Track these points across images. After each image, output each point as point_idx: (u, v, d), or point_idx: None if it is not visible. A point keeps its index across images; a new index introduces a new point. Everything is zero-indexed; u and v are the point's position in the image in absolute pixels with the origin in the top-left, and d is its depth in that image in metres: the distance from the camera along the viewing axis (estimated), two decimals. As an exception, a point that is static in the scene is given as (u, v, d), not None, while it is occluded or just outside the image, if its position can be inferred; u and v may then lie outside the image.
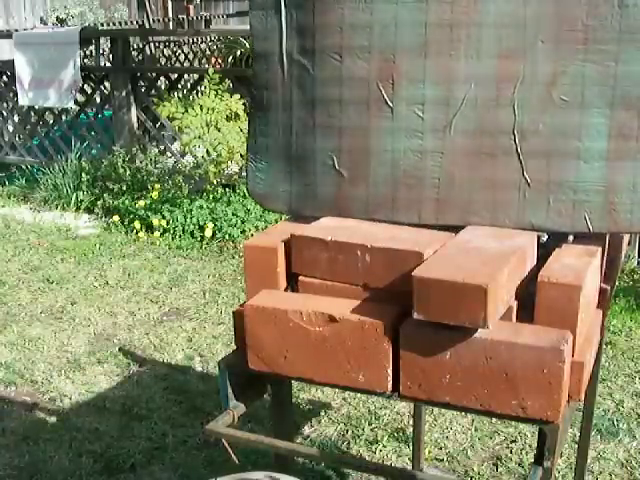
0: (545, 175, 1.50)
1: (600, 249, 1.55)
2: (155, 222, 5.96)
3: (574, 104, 1.49)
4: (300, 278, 1.62)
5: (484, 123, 1.52)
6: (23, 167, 7.70)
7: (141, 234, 5.97)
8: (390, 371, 1.47)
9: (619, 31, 1.47)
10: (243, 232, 5.83)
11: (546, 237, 1.56)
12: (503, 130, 1.51)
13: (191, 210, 6.00)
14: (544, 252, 1.54)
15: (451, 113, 1.53)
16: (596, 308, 1.64)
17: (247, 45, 7.98)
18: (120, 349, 4.12)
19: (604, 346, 2.80)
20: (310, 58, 1.64)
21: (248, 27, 1.65)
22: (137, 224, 6.02)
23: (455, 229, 1.56)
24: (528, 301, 1.46)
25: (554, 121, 1.49)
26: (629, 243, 4.31)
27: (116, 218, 6.24)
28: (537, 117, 1.50)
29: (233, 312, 1.70)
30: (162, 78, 7.81)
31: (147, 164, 6.83)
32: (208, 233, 5.79)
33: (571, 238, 1.56)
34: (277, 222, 1.76)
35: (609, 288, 1.72)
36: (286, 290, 1.66)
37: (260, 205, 1.78)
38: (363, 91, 1.59)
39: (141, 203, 6.21)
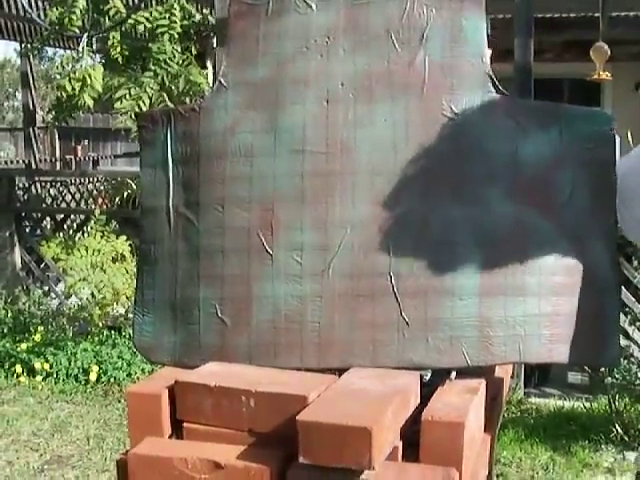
0: (422, 313, 1.55)
1: (482, 385, 1.59)
2: (37, 366, 5.77)
3: (446, 244, 1.56)
4: (185, 425, 1.59)
5: (361, 266, 1.57)
6: None
7: (22, 378, 5.76)
8: (278, 518, 1.44)
9: (481, 176, 1.57)
10: (129, 375, 5.71)
11: (429, 375, 1.59)
12: (379, 272, 1.56)
13: (75, 353, 5.85)
14: (428, 390, 1.56)
15: (329, 258, 1.58)
16: (482, 442, 1.66)
17: (134, 187, 8.04)
18: (-3, 503, 3.90)
19: (495, 479, 2.81)
20: (195, 211, 1.68)
21: (135, 169, 1.69)
22: (18, 368, 5.82)
23: (339, 371, 1.57)
24: (413, 440, 1.47)
25: (428, 261, 1.56)
26: (512, 376, 4.42)
27: (-4, 362, 6.01)
28: (411, 258, 1.56)
29: (117, 461, 1.65)
30: (48, 218, 7.74)
31: (30, 306, 6.67)
32: (93, 377, 5.64)
33: (453, 375, 1.59)
34: (164, 364, 1.75)
35: (494, 422, 1.75)
36: (171, 437, 1.63)
37: (146, 358, 1.79)
38: (244, 240, 1.63)
39: (23, 346, 6.01)
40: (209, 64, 8.03)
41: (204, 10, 7.07)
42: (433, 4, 1.62)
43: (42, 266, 7.18)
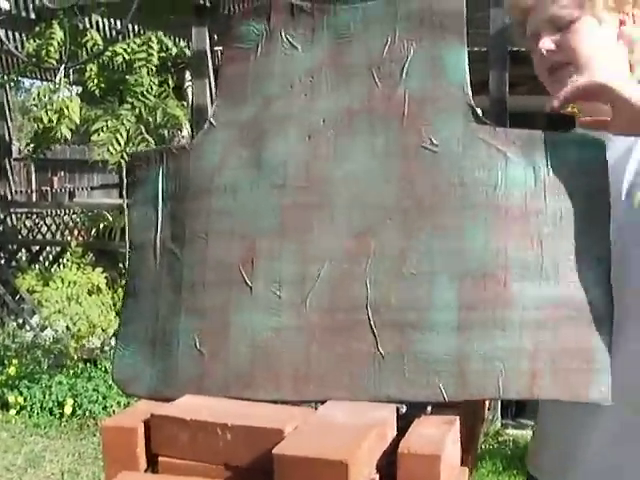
0: (399, 347, 1.55)
1: (458, 417, 1.58)
2: (11, 399, 5.72)
3: (423, 277, 1.55)
4: (160, 459, 1.58)
5: (338, 299, 1.57)
6: None
7: (-5, 412, 5.70)
8: None
9: (462, 207, 1.56)
10: (105, 408, 5.66)
11: (405, 408, 1.59)
12: (357, 305, 1.56)
13: (50, 386, 5.79)
14: (404, 423, 1.56)
15: (306, 290, 1.59)
16: (459, 474, 1.65)
17: (110, 218, 8.02)
18: (-32, 541, 3.84)
19: (471, 513, 2.79)
20: (180, 245, 1.70)
21: (112, 200, 1.71)
22: (-9, 402, 5.76)
23: (316, 403, 1.57)
24: (390, 472, 1.46)
25: (405, 294, 1.55)
26: (489, 408, 4.42)
27: (-32, 396, 5.94)
28: (388, 291, 1.56)
29: (90, 497, 1.63)
30: (23, 250, 7.70)
31: (4, 338, 6.61)
32: (68, 410, 5.59)
33: (429, 408, 1.59)
34: (140, 398, 1.74)
35: (471, 454, 1.75)
36: (146, 471, 1.61)
37: (122, 391, 1.79)
38: (225, 272, 1.64)
39: (-4, 380, 5.95)
40: (188, 96, 8.06)
41: (182, 43, 7.11)
42: (414, 37, 1.63)
43: (17, 298, 7.12)
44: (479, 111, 1.62)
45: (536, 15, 1.91)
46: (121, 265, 6.56)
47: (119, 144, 6.20)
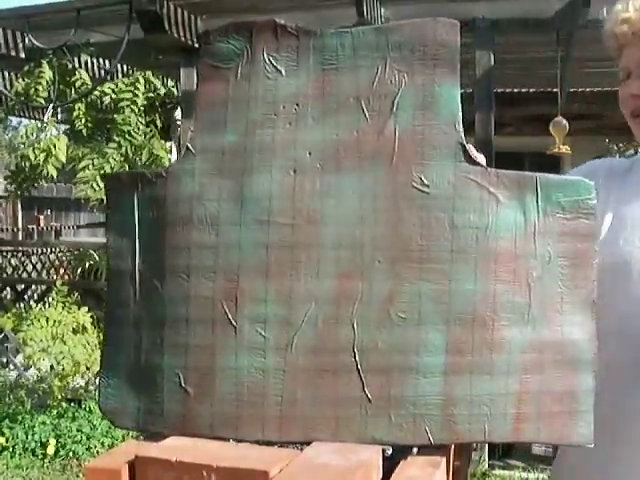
0: (385, 391, 1.53)
1: (444, 459, 1.58)
2: (-7, 440, 5.65)
3: (411, 321, 1.53)
4: (144, 501, 1.56)
5: (325, 341, 1.55)
6: None
7: (-24, 454, 5.63)
8: None
9: (451, 250, 1.53)
10: (88, 449, 5.59)
11: (391, 450, 1.58)
12: (343, 347, 1.54)
13: (33, 426, 5.73)
14: (390, 464, 1.55)
15: (292, 331, 1.56)
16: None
17: (97, 258, 7.99)
18: None
19: None
20: (160, 277, 1.65)
21: (98, 239, 1.68)
22: (-28, 443, 5.69)
23: (301, 445, 1.56)
24: (376, 515, 1.45)
25: (392, 338, 1.53)
26: (475, 449, 4.40)
27: (-51, 437, 5.87)
28: (376, 334, 1.54)
29: (73, 540, 1.61)
30: (8, 288, 7.66)
31: (-12, 378, 6.56)
32: (50, 450, 5.53)
33: (415, 450, 1.58)
34: (124, 438, 1.72)
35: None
36: (130, 514, 1.59)
37: (111, 422, 1.74)
38: (208, 310, 1.61)
39: (-21, 420, 5.89)
40: (173, 136, 8.11)
41: (169, 82, 7.16)
42: (405, 69, 1.57)
43: (1, 337, 7.07)
44: (472, 149, 1.57)
45: (630, 54, 1.88)
46: (107, 304, 6.51)
47: (109, 174, 6.21)
